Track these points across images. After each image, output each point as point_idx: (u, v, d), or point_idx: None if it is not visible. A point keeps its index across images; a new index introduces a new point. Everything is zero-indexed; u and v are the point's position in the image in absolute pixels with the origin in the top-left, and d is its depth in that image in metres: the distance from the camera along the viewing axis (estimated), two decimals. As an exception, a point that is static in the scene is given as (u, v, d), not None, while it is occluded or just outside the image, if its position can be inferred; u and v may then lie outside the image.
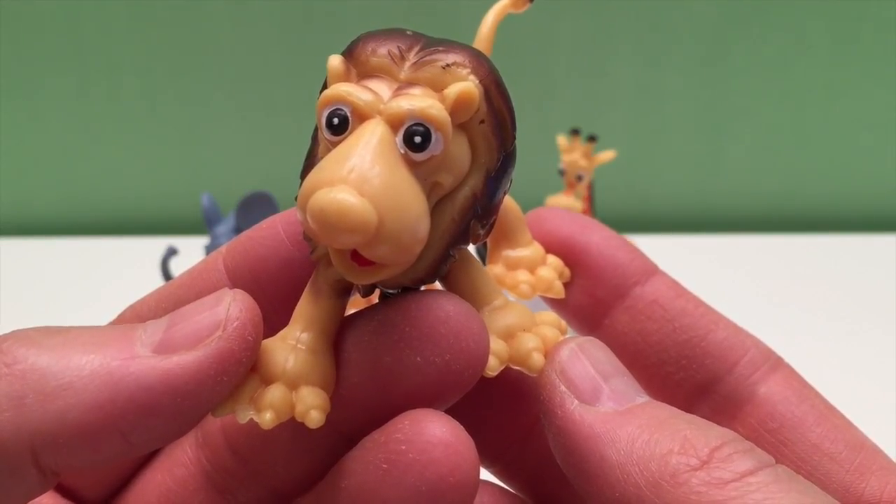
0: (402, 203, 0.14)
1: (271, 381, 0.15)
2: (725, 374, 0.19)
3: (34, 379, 0.14)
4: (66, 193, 0.78)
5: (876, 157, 0.77)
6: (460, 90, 0.15)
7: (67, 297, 0.63)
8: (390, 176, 0.14)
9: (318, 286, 0.16)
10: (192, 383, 0.14)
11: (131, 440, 0.14)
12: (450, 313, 0.15)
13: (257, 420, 0.15)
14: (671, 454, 0.14)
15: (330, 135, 0.15)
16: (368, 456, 0.15)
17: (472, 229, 0.16)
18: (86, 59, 0.73)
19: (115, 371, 0.14)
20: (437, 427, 0.15)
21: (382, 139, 0.14)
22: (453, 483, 0.14)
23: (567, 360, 0.16)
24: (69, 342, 0.14)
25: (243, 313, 0.15)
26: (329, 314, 0.16)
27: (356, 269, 0.15)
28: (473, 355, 0.15)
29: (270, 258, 0.17)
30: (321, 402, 0.15)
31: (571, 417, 0.15)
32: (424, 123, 0.14)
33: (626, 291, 0.19)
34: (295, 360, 0.15)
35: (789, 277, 0.66)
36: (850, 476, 0.17)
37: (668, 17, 0.72)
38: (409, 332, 0.15)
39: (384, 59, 0.15)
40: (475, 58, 0.15)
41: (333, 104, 0.15)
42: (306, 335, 0.16)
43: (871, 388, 0.50)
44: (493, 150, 0.16)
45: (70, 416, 0.14)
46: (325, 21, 0.72)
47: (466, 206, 0.16)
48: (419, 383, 0.15)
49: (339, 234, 0.13)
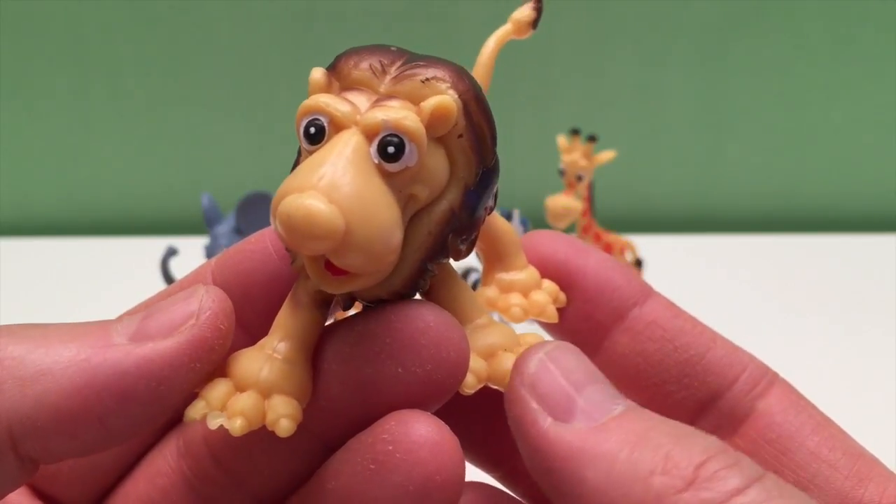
0: (372, 211, 0.14)
1: (245, 388, 0.16)
2: (726, 390, 0.19)
3: (12, 365, 0.14)
4: (66, 193, 0.78)
5: (876, 157, 0.77)
6: (437, 103, 0.15)
7: (67, 297, 0.63)
8: (361, 184, 0.14)
9: (297, 297, 0.16)
10: (167, 369, 0.14)
11: (108, 426, 0.14)
12: (430, 323, 0.15)
13: (227, 426, 0.15)
14: (654, 475, 0.13)
15: (307, 144, 0.15)
16: (355, 457, 0.15)
17: (451, 244, 0.16)
18: (86, 59, 0.73)
19: (91, 357, 0.14)
20: (423, 427, 0.15)
21: (356, 148, 0.14)
22: (440, 482, 0.14)
23: (536, 373, 0.15)
24: (48, 334, 0.15)
25: (215, 303, 0.15)
26: (307, 325, 0.16)
27: (329, 279, 0.15)
28: (454, 365, 0.15)
29: (258, 272, 0.17)
30: (292, 411, 0.15)
31: (546, 437, 0.15)
32: (398, 134, 0.14)
33: (625, 313, 0.19)
34: (270, 369, 0.16)
35: (789, 277, 0.66)
36: (848, 482, 0.17)
37: (668, 17, 0.72)
38: (389, 342, 0.15)
39: (365, 72, 0.15)
40: (455, 73, 0.15)
41: (311, 114, 0.15)
42: (283, 345, 0.16)
43: (872, 387, 0.50)
44: (471, 164, 0.16)
45: (47, 400, 0.14)
46: (325, 21, 0.72)
47: (443, 219, 0.16)
48: (400, 393, 0.15)
49: (306, 240, 0.13)
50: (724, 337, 0.20)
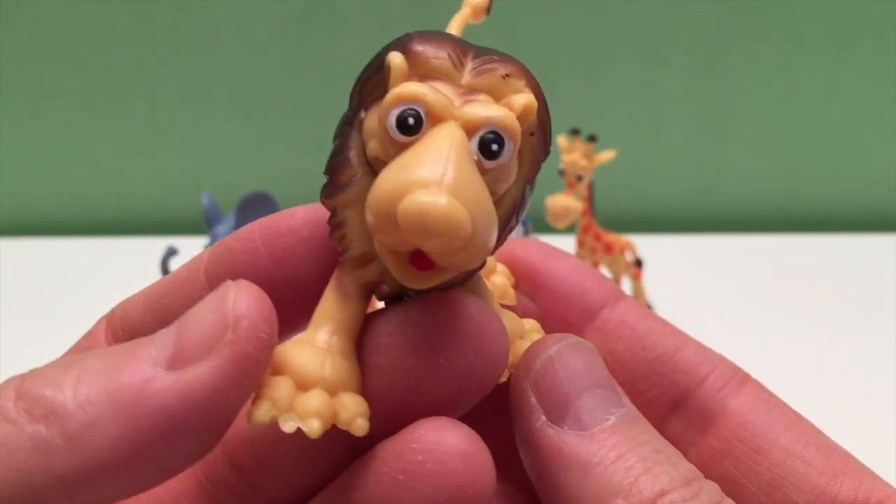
0: (486, 210, 0.14)
1: (308, 386, 0.15)
2: (696, 389, 0.19)
3: (55, 422, 0.13)
4: (66, 193, 0.78)
5: (876, 157, 0.77)
6: (526, 102, 0.15)
7: (67, 298, 0.63)
8: (476, 182, 0.14)
9: (345, 288, 0.16)
10: (212, 394, 0.13)
11: (164, 465, 0.14)
12: (472, 313, 0.15)
13: (304, 429, 0.14)
14: (616, 497, 0.14)
15: (399, 134, 0.14)
16: (383, 466, 0.15)
17: (503, 238, 0.16)
18: (86, 59, 0.73)
19: (131, 399, 0.13)
20: (454, 436, 0.14)
21: (462, 144, 0.14)
22: (471, 494, 0.14)
23: (541, 370, 0.16)
24: (82, 375, 0.14)
25: (251, 309, 0.14)
26: (356, 317, 0.16)
27: (415, 274, 0.14)
28: (495, 356, 0.15)
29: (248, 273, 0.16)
30: (364, 409, 0.15)
31: (537, 434, 0.15)
32: (499, 132, 0.14)
33: (595, 314, 0.20)
34: (332, 365, 0.15)
35: (789, 277, 0.66)
36: (823, 478, 0.17)
37: (668, 17, 0.72)
38: (430, 333, 0.15)
39: (445, 62, 0.15)
40: (525, 70, 0.15)
41: (406, 103, 0.14)
42: (336, 338, 0.15)
43: (873, 387, 0.50)
44: (536, 161, 0.16)
45: (98, 455, 0.13)
46: (325, 21, 0.72)
47: (506, 214, 0.15)
48: (440, 386, 0.15)
49: (434, 237, 0.13)
50: (696, 339, 0.20)
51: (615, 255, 0.54)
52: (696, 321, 0.20)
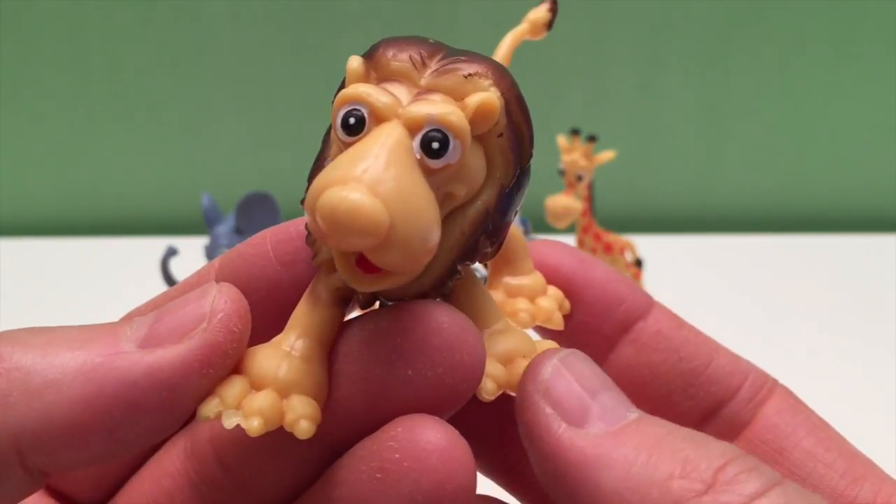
0: (416, 208, 0.13)
1: (261, 386, 0.15)
2: (729, 399, 0.19)
3: (18, 377, 0.14)
4: (66, 193, 0.78)
5: (876, 157, 0.77)
6: (482, 100, 0.14)
7: (67, 297, 0.63)
8: (405, 179, 0.13)
9: (317, 293, 0.16)
10: (177, 376, 0.14)
11: (118, 437, 0.14)
12: (443, 324, 0.15)
13: (244, 426, 0.14)
14: (673, 478, 0.13)
15: (344, 135, 0.14)
16: (361, 465, 0.15)
17: (481, 246, 0.15)
18: (86, 59, 0.73)
19: (99, 367, 0.14)
20: (432, 433, 0.14)
21: (399, 142, 0.14)
22: (450, 490, 0.14)
23: (551, 379, 0.15)
24: (54, 340, 0.14)
25: (228, 304, 0.14)
26: (326, 322, 0.15)
27: (361, 276, 0.14)
28: (469, 369, 0.15)
29: (258, 277, 0.17)
30: (312, 412, 0.15)
31: (559, 442, 0.14)
32: (443, 130, 0.14)
33: (630, 325, 0.19)
34: (288, 367, 0.15)
35: (789, 277, 0.66)
36: (843, 482, 0.17)
37: (668, 17, 0.72)
38: (400, 343, 0.15)
39: (405, 63, 0.15)
40: (497, 70, 0.15)
41: (351, 104, 0.14)
42: (301, 342, 0.15)
43: (873, 387, 0.50)
44: (509, 165, 0.15)
45: (55, 413, 0.13)
46: (325, 21, 0.72)
47: (478, 220, 0.15)
48: (410, 397, 0.15)
49: (348, 235, 0.13)
50: (726, 346, 0.20)
51: (615, 255, 0.54)
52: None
